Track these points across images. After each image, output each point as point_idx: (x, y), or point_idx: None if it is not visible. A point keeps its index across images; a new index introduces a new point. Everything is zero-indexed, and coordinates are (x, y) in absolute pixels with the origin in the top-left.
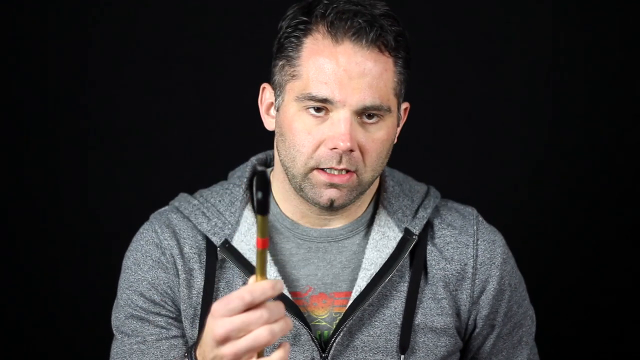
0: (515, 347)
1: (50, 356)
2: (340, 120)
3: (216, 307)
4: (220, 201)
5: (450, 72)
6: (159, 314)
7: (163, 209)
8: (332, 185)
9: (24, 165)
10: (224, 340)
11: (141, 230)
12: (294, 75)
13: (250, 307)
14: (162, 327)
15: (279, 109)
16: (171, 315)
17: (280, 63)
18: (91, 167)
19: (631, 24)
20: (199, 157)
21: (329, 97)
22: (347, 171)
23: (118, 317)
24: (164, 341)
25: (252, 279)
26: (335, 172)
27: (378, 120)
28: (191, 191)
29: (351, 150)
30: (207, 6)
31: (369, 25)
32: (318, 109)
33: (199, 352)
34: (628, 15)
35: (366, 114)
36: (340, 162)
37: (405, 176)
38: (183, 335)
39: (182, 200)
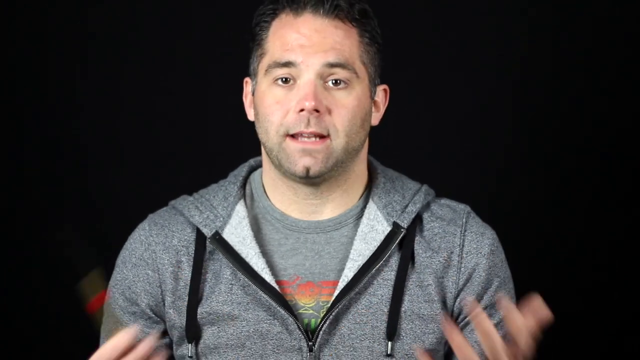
0: None
1: (50, 356)
2: (305, 84)
3: None
4: (214, 196)
5: (449, 72)
6: (134, 314)
7: (161, 209)
8: (305, 152)
9: (23, 166)
10: None
11: (135, 229)
12: (262, 54)
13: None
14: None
15: (254, 92)
16: (145, 316)
17: (254, 51)
18: (91, 167)
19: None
20: (199, 158)
21: (292, 60)
22: (319, 138)
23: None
24: None
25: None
26: (306, 139)
27: (346, 87)
28: (191, 192)
29: (317, 111)
30: (207, 6)
31: None
32: (285, 80)
33: None
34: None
35: (332, 79)
36: (308, 124)
37: (399, 174)
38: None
39: (180, 199)
